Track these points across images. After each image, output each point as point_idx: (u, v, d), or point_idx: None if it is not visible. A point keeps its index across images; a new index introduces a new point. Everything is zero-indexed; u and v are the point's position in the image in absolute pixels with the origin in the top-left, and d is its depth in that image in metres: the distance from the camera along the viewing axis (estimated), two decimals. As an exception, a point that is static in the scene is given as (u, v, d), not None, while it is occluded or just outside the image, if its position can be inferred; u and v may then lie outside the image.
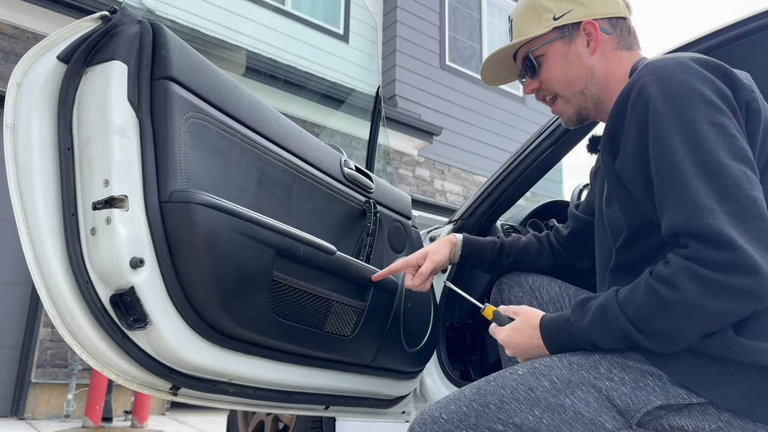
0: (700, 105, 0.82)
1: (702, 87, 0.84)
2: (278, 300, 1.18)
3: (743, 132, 0.83)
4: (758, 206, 0.76)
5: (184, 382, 1.10)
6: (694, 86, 0.84)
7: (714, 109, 0.82)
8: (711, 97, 0.83)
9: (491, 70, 1.25)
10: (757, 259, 0.72)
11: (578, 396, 0.83)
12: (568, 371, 0.85)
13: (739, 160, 0.79)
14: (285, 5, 5.88)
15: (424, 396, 1.85)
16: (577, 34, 1.09)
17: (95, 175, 0.98)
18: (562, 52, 1.10)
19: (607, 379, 0.83)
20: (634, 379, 0.83)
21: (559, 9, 1.09)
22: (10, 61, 4.47)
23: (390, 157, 6.59)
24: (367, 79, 3.59)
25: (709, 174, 0.78)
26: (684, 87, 0.84)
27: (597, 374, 0.84)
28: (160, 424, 4.40)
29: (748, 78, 0.91)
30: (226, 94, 1.19)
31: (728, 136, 0.80)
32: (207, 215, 1.01)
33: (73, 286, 0.96)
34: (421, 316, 1.67)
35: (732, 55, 1.62)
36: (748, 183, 0.78)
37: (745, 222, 0.75)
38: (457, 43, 7.97)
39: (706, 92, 0.83)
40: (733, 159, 0.79)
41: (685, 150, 0.80)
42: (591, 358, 0.86)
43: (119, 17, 1.04)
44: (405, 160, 7.01)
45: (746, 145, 0.82)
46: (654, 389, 0.81)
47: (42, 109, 0.99)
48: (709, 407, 0.80)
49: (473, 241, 1.42)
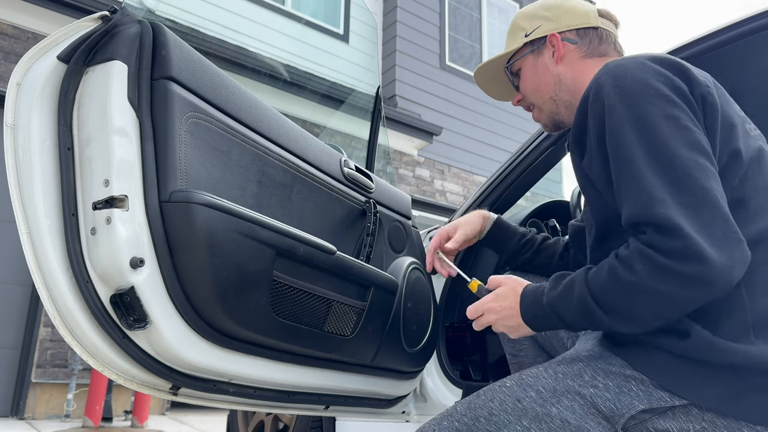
0: (653, 100, 0.84)
1: (656, 83, 0.86)
2: (278, 300, 1.18)
3: (701, 124, 0.85)
4: (710, 196, 0.78)
5: (184, 381, 1.10)
6: (649, 82, 0.86)
7: (668, 103, 0.84)
8: (665, 92, 0.85)
9: (491, 84, 1.34)
10: (705, 247, 0.74)
11: (564, 404, 0.85)
12: (554, 380, 0.88)
13: (692, 150, 0.81)
14: (285, 5, 5.88)
15: (424, 396, 1.85)
16: (544, 46, 1.18)
17: (95, 175, 0.98)
18: (532, 64, 1.20)
19: (591, 386, 0.85)
20: (617, 384, 0.85)
21: (530, 26, 1.20)
22: (10, 61, 4.47)
23: (390, 157, 6.59)
24: (367, 79, 3.59)
25: (662, 165, 0.81)
26: (638, 83, 0.86)
27: (582, 382, 0.86)
28: (160, 424, 4.40)
29: (706, 76, 0.93)
30: (227, 94, 1.19)
31: (682, 128, 0.82)
32: (207, 215, 1.01)
33: (73, 286, 0.97)
34: (421, 316, 1.67)
35: (732, 56, 1.62)
36: (701, 173, 0.79)
37: (696, 212, 0.77)
38: (457, 43, 7.98)
39: (661, 87, 0.85)
40: (687, 149, 0.81)
41: (639, 143, 0.83)
42: (576, 367, 0.89)
43: (119, 17, 1.04)
44: (405, 160, 7.01)
45: (702, 137, 0.83)
46: (637, 393, 0.83)
47: (42, 109, 0.99)
48: (692, 408, 0.81)
49: (505, 223, 1.44)
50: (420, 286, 1.68)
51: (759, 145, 0.91)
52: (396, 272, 1.60)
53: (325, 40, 6.17)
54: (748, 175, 0.86)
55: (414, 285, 1.64)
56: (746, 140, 0.89)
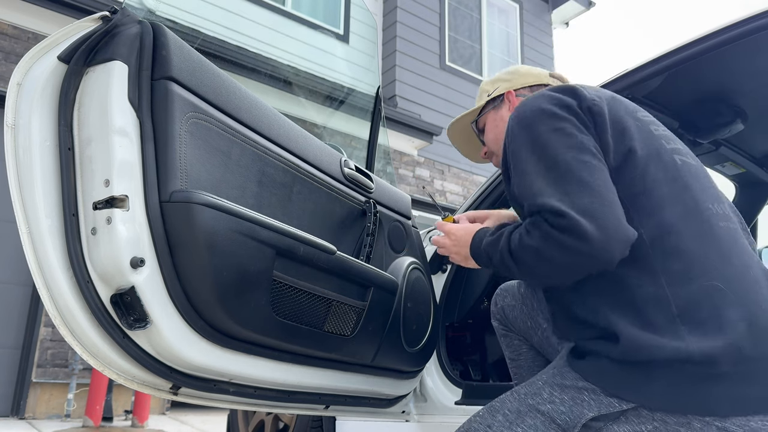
0: (544, 119, 1.00)
1: (547, 105, 1.01)
2: (278, 300, 1.18)
3: (589, 131, 0.98)
4: (590, 184, 0.90)
5: (185, 381, 1.10)
6: (541, 107, 1.02)
7: (555, 119, 0.99)
8: (554, 111, 1.00)
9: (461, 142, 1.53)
10: (584, 224, 0.86)
11: (528, 423, 0.93)
12: (518, 402, 0.96)
13: (576, 151, 0.94)
14: (285, 5, 5.88)
15: (424, 396, 1.85)
16: (502, 102, 1.36)
17: (96, 175, 0.98)
18: (493, 118, 1.38)
19: (549, 403, 0.92)
20: (572, 397, 0.91)
21: (492, 88, 1.39)
22: (10, 61, 4.47)
23: (390, 157, 6.59)
24: (367, 79, 3.59)
25: (549, 168, 0.94)
26: (533, 110, 1.02)
27: (540, 399, 0.94)
28: (160, 424, 4.41)
29: (599, 93, 1.06)
30: (227, 94, 1.19)
31: (567, 136, 0.97)
32: (207, 215, 1.01)
33: (74, 286, 0.97)
34: (421, 315, 1.67)
35: (732, 55, 1.62)
36: (582, 167, 0.92)
37: (576, 197, 0.89)
38: (457, 43, 7.98)
39: (550, 108, 1.01)
40: (570, 152, 0.94)
41: (531, 156, 0.98)
42: (536, 386, 0.97)
43: (120, 17, 1.04)
44: (405, 160, 7.01)
45: (587, 139, 0.96)
46: (589, 403, 0.89)
47: (42, 109, 0.99)
48: (642, 410, 0.86)
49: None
50: (420, 286, 1.68)
51: (660, 144, 1.01)
52: (396, 272, 1.60)
53: (325, 40, 6.17)
54: (648, 170, 0.96)
55: (414, 285, 1.64)
56: (646, 140, 1.00)
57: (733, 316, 0.84)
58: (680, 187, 0.96)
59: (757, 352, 0.82)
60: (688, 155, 1.03)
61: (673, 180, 0.96)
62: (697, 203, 0.94)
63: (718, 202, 0.98)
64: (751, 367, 0.82)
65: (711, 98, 1.86)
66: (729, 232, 0.94)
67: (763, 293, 0.88)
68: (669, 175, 0.96)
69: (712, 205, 0.96)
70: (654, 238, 0.91)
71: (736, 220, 0.99)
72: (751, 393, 0.81)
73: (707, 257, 0.89)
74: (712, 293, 0.86)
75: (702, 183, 0.99)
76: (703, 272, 0.88)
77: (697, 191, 0.96)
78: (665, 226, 0.91)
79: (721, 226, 0.93)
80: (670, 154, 1.00)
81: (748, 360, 0.82)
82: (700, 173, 1.01)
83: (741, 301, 0.85)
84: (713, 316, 0.84)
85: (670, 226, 0.91)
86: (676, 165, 0.99)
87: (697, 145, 2.08)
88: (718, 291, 0.86)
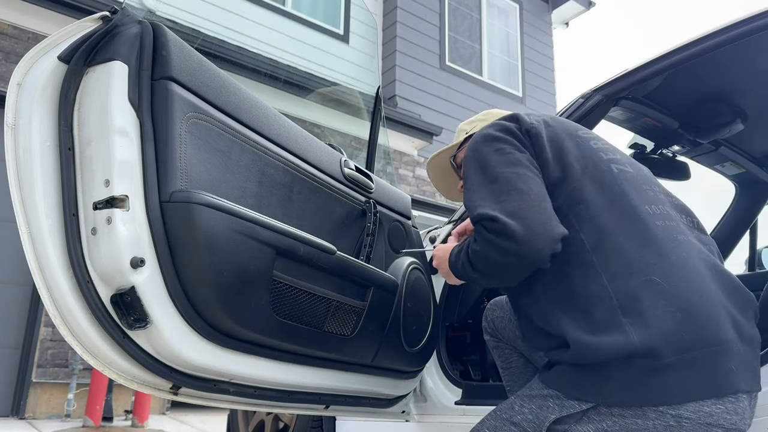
0: (488, 142, 1.13)
1: (491, 131, 1.15)
2: (278, 300, 1.18)
3: (527, 149, 1.12)
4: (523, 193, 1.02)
5: (185, 381, 1.10)
6: (487, 132, 1.15)
7: (496, 141, 1.13)
8: (496, 135, 1.14)
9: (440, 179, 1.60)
10: (513, 225, 0.97)
11: None
12: (494, 419, 1.05)
13: (513, 166, 1.07)
14: (285, 5, 5.88)
15: (424, 396, 1.85)
16: None
17: (96, 175, 0.98)
18: None
19: (519, 414, 1.01)
20: (539, 405, 0.99)
21: (470, 127, 1.51)
22: (10, 61, 4.47)
23: (390, 157, 6.59)
24: (367, 79, 3.59)
25: (488, 182, 1.07)
26: (481, 136, 1.16)
27: (512, 412, 1.02)
28: (160, 424, 4.41)
29: (538, 119, 1.19)
30: (227, 94, 1.19)
31: (505, 155, 1.10)
32: (207, 215, 1.01)
33: (74, 286, 0.97)
34: (421, 316, 1.67)
35: (732, 55, 1.62)
36: (517, 179, 1.05)
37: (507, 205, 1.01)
38: (457, 43, 7.98)
39: (493, 132, 1.15)
40: (507, 167, 1.07)
41: (475, 175, 1.11)
42: (509, 401, 1.06)
43: (120, 17, 1.04)
44: (405, 160, 7.01)
45: (522, 157, 1.09)
46: (553, 408, 0.97)
47: (43, 109, 0.99)
48: (600, 408, 0.92)
49: None
50: (420, 286, 1.68)
51: (598, 156, 1.12)
52: (396, 272, 1.60)
53: (325, 41, 6.17)
54: (585, 181, 1.07)
55: (414, 285, 1.64)
56: (584, 154, 1.12)
57: (671, 307, 0.91)
58: (617, 194, 1.05)
59: (697, 340, 0.88)
60: (627, 164, 1.14)
61: (610, 188, 1.06)
62: (634, 207, 1.03)
63: (655, 204, 1.06)
64: (694, 355, 0.88)
65: (711, 98, 1.86)
66: (666, 230, 1.01)
67: (704, 283, 0.95)
68: (606, 183, 1.07)
69: (649, 207, 1.05)
70: (594, 241, 0.99)
71: (678, 217, 1.07)
72: (697, 379, 0.87)
73: (644, 255, 0.97)
74: (649, 287, 0.93)
75: (639, 188, 1.08)
76: (641, 269, 0.95)
77: (633, 196, 1.05)
78: (604, 231, 1.00)
79: (657, 225, 1.01)
80: (607, 164, 1.11)
81: (689, 348, 0.88)
82: (638, 179, 1.11)
83: (678, 293, 0.92)
84: (651, 308, 0.91)
85: (608, 230, 1.00)
86: (613, 174, 1.09)
87: (697, 145, 2.08)
88: (655, 285, 0.93)
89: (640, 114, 1.91)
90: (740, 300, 0.98)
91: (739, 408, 0.88)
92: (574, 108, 1.70)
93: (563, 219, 1.03)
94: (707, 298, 0.93)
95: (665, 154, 2.16)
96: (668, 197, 1.13)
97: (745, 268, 2.50)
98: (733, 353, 0.89)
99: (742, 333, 0.93)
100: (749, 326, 0.96)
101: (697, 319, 0.90)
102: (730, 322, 0.92)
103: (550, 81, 8.89)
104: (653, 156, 2.15)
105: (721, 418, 0.87)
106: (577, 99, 1.72)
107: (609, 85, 1.68)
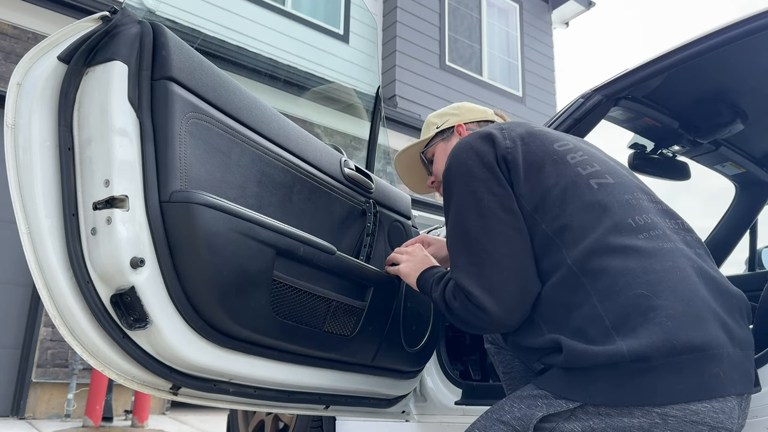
0: (464, 177, 1.13)
1: (467, 160, 1.14)
2: (278, 300, 1.18)
3: (503, 186, 1.10)
4: (492, 257, 1.05)
5: (185, 381, 1.10)
6: (466, 162, 1.14)
7: (471, 179, 1.12)
8: (472, 170, 1.12)
9: (407, 174, 1.61)
10: (487, 303, 1.03)
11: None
12: (484, 420, 1.06)
13: (483, 219, 1.08)
14: (285, 5, 5.88)
15: (424, 396, 1.85)
16: (452, 134, 1.49)
17: (96, 175, 0.98)
18: (442, 149, 1.49)
19: (508, 413, 1.03)
20: (528, 404, 1.01)
21: (440, 121, 1.51)
22: (10, 61, 4.47)
23: (390, 157, 6.59)
24: (367, 79, 3.59)
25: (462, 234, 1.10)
26: (459, 162, 1.15)
27: (502, 412, 1.04)
28: (160, 424, 4.41)
29: (513, 136, 1.16)
30: (227, 94, 1.19)
31: (478, 201, 1.10)
32: (207, 215, 1.01)
33: (74, 286, 0.97)
34: (421, 316, 1.67)
35: (732, 55, 1.62)
36: (488, 239, 1.07)
37: (482, 277, 1.05)
38: (456, 43, 7.98)
39: (470, 164, 1.13)
40: (478, 220, 1.08)
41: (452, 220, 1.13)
42: (500, 403, 1.07)
43: (120, 17, 1.04)
44: (405, 160, 7.01)
45: (494, 201, 1.09)
46: (541, 406, 0.98)
47: (42, 109, 0.99)
48: (588, 407, 0.94)
49: None
50: (420, 286, 1.68)
51: (577, 172, 1.10)
52: (396, 272, 1.59)
53: (325, 41, 6.17)
54: (567, 201, 1.06)
55: (414, 285, 1.64)
56: (562, 172, 1.10)
57: (659, 317, 0.91)
58: (599, 211, 1.04)
59: (684, 345, 0.89)
60: (608, 174, 1.11)
61: (591, 206, 1.05)
62: (616, 223, 1.02)
63: (639, 214, 1.05)
64: (681, 360, 0.89)
65: (711, 98, 1.86)
66: (651, 241, 1.01)
67: (692, 289, 0.95)
68: (586, 202, 1.05)
69: (632, 220, 1.03)
70: (582, 264, 0.99)
71: (663, 224, 1.06)
72: (685, 383, 0.88)
73: (629, 270, 0.96)
74: (637, 302, 0.93)
75: (621, 199, 1.07)
76: (627, 284, 0.95)
77: (615, 210, 1.04)
78: (589, 252, 1.00)
79: (640, 238, 1.01)
80: (586, 180, 1.09)
81: (678, 353, 0.89)
82: (619, 190, 1.09)
83: (666, 303, 0.92)
84: (642, 323, 0.91)
85: (592, 250, 1.00)
86: (593, 190, 1.07)
87: (697, 145, 2.08)
88: (643, 298, 0.93)
89: (640, 114, 1.91)
90: (730, 303, 0.98)
91: (727, 407, 0.89)
92: (574, 108, 1.70)
93: (549, 243, 1.04)
94: (695, 304, 0.93)
95: (665, 154, 2.16)
96: (652, 202, 1.11)
97: (746, 268, 2.50)
98: (722, 358, 0.90)
99: (732, 336, 0.93)
100: (740, 329, 0.96)
101: (685, 326, 0.90)
102: (719, 327, 0.92)
103: (550, 81, 8.89)
104: (653, 156, 2.15)
105: (708, 416, 0.88)
106: (577, 99, 1.72)
107: (609, 85, 1.68)
